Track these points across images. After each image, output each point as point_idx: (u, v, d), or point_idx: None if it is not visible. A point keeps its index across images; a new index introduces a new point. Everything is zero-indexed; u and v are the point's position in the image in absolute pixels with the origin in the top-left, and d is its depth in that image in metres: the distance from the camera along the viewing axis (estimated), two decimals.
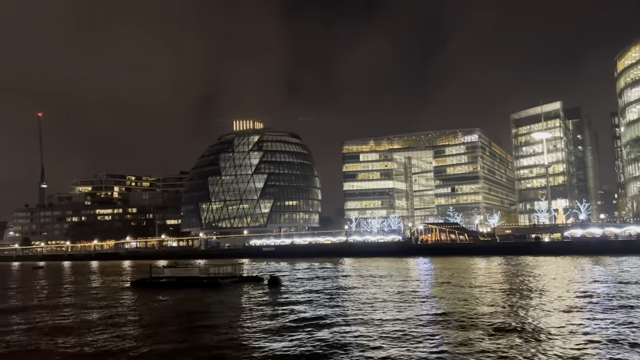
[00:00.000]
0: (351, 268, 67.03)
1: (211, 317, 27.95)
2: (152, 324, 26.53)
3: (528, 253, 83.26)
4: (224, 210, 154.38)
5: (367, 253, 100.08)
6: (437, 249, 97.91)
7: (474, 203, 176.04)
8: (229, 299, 36.76)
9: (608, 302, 28.33)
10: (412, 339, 20.09)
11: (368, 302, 31.47)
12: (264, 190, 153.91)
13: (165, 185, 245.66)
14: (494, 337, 20.01)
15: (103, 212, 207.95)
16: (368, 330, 22.22)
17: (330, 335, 21.53)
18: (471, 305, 28.55)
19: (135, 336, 22.94)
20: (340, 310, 28.72)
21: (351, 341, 20.12)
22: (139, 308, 34.14)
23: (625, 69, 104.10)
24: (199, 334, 22.82)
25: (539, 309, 26.56)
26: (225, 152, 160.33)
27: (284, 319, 26.47)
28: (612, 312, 24.77)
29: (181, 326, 25.38)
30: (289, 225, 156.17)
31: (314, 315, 27.04)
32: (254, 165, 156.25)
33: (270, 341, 20.76)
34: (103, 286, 51.98)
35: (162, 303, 37.14)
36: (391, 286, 40.98)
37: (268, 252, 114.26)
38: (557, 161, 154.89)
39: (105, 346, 20.79)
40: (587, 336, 19.70)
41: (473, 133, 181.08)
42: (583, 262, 62.31)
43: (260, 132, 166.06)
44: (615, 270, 49.06)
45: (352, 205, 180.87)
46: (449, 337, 20.45)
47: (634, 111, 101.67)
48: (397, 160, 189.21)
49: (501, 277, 47.62)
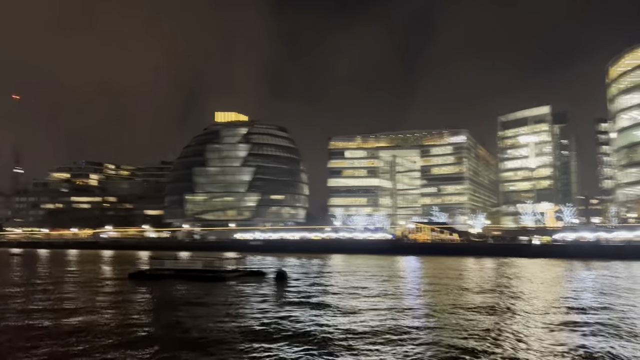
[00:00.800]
0: (349, 266, 65.49)
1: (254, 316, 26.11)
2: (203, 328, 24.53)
3: (521, 255, 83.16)
4: (209, 202, 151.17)
5: (357, 250, 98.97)
6: (428, 248, 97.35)
7: (459, 203, 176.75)
8: (247, 293, 34.88)
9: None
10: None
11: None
12: (251, 184, 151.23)
13: (145, 175, 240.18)
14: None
15: (80, 199, 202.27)
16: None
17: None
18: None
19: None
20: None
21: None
22: (157, 307, 31.85)
23: (618, 75, 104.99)
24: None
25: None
26: (212, 143, 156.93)
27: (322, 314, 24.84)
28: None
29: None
30: (275, 219, 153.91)
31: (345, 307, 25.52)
32: (241, 157, 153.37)
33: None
34: (99, 278, 49.18)
35: (181, 300, 34.93)
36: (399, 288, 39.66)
37: (255, 247, 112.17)
38: (543, 165, 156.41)
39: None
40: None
41: (460, 134, 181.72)
42: (586, 265, 62.05)
43: (248, 124, 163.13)
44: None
45: (337, 201, 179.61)
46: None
47: (626, 118, 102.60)
48: (383, 158, 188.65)
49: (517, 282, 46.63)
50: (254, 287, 39.02)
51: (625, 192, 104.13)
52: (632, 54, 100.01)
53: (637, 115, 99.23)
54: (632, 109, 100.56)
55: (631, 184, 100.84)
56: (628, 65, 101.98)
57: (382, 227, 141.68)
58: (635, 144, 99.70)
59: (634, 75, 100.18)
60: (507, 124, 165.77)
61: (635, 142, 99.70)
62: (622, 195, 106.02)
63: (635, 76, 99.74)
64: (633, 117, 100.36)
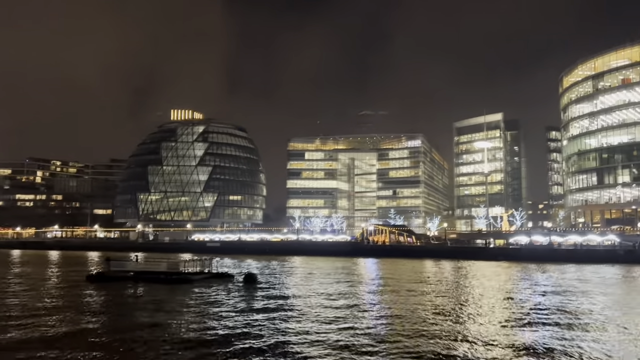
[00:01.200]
0: (316, 268, 64.78)
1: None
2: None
3: (479, 258, 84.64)
4: (164, 202, 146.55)
5: (317, 252, 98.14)
6: (388, 250, 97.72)
7: (414, 207, 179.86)
8: (218, 296, 33.46)
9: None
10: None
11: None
12: (208, 184, 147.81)
13: (94, 173, 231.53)
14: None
15: (24, 197, 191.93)
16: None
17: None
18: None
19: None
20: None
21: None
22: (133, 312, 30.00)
23: (570, 85, 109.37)
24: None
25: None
26: (168, 141, 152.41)
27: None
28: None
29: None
30: (232, 220, 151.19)
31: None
32: (198, 156, 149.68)
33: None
34: (56, 281, 46.16)
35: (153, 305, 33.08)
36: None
37: (213, 248, 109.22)
38: (495, 170, 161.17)
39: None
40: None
41: (416, 138, 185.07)
42: (540, 268, 63.80)
43: (206, 123, 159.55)
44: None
45: (295, 203, 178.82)
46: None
47: (577, 127, 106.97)
48: (342, 161, 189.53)
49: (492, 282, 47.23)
50: (222, 290, 37.67)
51: (575, 197, 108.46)
52: (585, 66, 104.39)
53: (588, 124, 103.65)
54: (583, 118, 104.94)
55: (581, 190, 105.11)
56: (580, 76, 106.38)
57: (340, 229, 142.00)
58: (585, 151, 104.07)
59: (585, 85, 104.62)
60: (462, 130, 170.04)
61: (585, 150, 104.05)
62: (572, 200, 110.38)
63: (587, 87, 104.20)
64: (584, 126, 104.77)
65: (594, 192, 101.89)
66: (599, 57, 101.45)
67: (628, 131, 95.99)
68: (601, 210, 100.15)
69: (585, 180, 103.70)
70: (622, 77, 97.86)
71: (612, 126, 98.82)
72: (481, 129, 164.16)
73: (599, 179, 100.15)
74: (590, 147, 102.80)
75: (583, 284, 42.88)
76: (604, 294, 36.12)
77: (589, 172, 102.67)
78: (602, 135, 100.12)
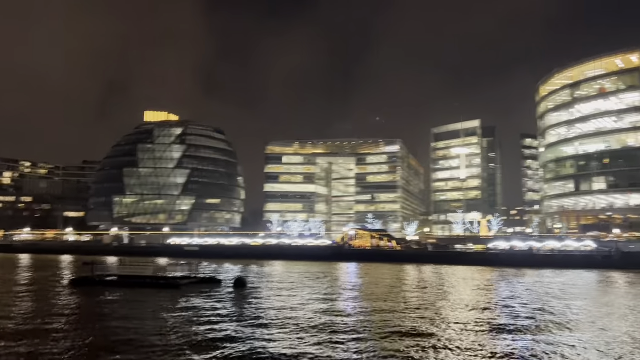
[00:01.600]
0: (301, 272, 64.06)
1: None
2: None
3: (459, 262, 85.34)
4: (139, 205, 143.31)
5: (298, 257, 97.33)
6: (369, 255, 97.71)
7: (392, 211, 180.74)
8: (213, 302, 32.48)
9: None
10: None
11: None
12: (186, 186, 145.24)
13: (65, 174, 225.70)
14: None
15: None
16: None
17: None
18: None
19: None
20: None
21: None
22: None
23: (547, 94, 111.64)
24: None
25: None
26: (144, 143, 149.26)
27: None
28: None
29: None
30: (209, 224, 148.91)
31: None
32: (175, 158, 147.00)
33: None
34: (39, 286, 44.18)
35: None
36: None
37: (191, 252, 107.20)
38: (472, 176, 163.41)
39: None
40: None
41: (394, 143, 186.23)
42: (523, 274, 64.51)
43: (183, 124, 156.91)
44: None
45: (273, 207, 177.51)
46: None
47: (554, 134, 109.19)
48: (320, 165, 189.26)
49: None
50: (213, 295, 36.65)
51: (551, 203, 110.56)
52: (561, 74, 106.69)
53: (565, 132, 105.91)
54: (560, 126, 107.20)
55: (557, 196, 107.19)
56: (557, 84, 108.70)
57: (318, 233, 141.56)
58: (562, 158, 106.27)
59: (562, 94, 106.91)
60: (439, 136, 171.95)
61: (562, 157, 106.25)
62: (548, 206, 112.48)
63: (564, 95, 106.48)
64: (560, 134, 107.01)
65: (571, 199, 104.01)
66: (575, 66, 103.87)
67: (604, 139, 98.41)
68: (577, 216, 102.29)
69: (561, 186, 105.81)
70: (598, 87, 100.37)
71: (588, 134, 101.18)
72: (458, 135, 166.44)
73: (576, 186, 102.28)
74: (567, 154, 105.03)
75: (571, 289, 43.40)
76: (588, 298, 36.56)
77: (565, 178, 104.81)
78: (579, 142, 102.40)
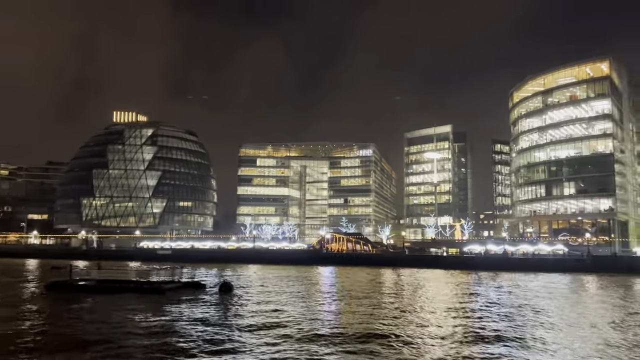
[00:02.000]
0: (282, 276, 63.23)
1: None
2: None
3: (436, 266, 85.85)
4: (109, 207, 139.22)
5: (275, 260, 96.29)
6: (346, 259, 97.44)
7: (365, 215, 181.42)
8: (206, 308, 31.40)
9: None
10: None
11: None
12: (157, 189, 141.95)
13: (28, 176, 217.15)
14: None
15: None
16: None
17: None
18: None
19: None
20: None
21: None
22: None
23: (520, 100, 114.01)
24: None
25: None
26: (114, 144, 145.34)
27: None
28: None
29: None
30: (182, 227, 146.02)
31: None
32: (147, 160, 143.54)
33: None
34: (10, 292, 41.95)
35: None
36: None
37: (163, 256, 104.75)
38: (444, 180, 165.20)
39: None
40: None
41: (368, 148, 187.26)
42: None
43: (155, 126, 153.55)
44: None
45: (246, 210, 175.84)
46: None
47: (526, 140, 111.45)
48: (294, 168, 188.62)
49: None
50: (199, 300, 35.60)
51: (523, 208, 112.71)
52: (534, 82, 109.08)
53: (537, 138, 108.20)
54: (532, 132, 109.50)
55: (529, 201, 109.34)
56: (530, 91, 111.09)
57: (292, 237, 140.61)
58: (534, 164, 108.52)
59: (535, 101, 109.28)
60: (412, 140, 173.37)
61: (534, 163, 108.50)
62: (520, 211, 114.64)
63: (537, 102, 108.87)
64: (533, 140, 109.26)
65: (542, 203, 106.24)
66: (548, 74, 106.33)
67: (575, 145, 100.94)
68: (549, 220, 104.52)
69: (533, 191, 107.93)
70: (569, 94, 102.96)
71: (560, 140, 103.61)
72: (431, 140, 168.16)
73: (547, 191, 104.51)
74: (539, 160, 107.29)
75: (549, 292, 44.00)
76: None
77: (537, 184, 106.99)
78: (551, 148, 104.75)
